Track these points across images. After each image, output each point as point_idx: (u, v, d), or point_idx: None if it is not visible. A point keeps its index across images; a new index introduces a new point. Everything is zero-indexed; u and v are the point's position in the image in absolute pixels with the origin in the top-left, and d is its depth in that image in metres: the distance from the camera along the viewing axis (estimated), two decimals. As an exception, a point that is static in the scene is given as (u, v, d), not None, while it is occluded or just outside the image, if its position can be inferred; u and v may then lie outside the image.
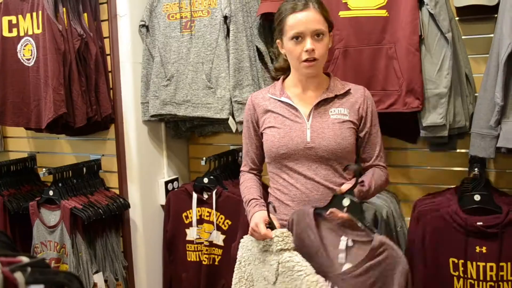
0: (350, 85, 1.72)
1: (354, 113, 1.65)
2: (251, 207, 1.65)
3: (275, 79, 1.81)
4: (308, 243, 1.53)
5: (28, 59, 2.39)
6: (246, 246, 1.64)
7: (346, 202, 1.49)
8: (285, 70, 1.76)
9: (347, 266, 1.47)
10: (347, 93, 1.68)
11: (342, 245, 1.49)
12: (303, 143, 1.61)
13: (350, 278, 1.44)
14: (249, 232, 1.60)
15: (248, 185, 1.75)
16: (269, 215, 1.56)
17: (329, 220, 1.54)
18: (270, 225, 1.55)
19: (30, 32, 2.38)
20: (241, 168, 1.85)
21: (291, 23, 1.58)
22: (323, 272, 1.47)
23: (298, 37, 1.57)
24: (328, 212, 1.53)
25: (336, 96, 1.66)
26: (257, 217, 1.58)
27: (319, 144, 1.60)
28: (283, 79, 1.75)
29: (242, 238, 1.69)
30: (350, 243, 1.49)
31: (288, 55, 1.65)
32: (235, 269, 1.68)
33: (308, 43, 1.56)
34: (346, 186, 1.52)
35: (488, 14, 2.01)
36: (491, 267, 1.82)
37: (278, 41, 1.69)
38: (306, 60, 1.58)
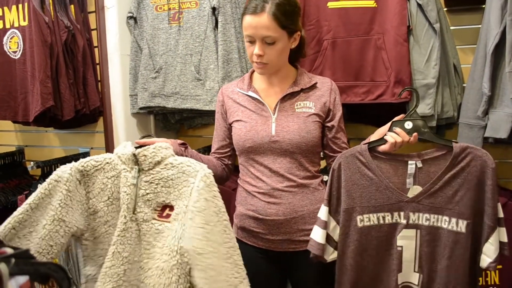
0: (317, 78, 1.73)
1: (320, 106, 1.66)
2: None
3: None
4: (365, 183, 1.51)
5: (15, 52, 2.37)
6: None
7: (408, 124, 1.49)
8: None
9: (417, 189, 1.48)
10: (313, 86, 1.69)
11: (411, 169, 1.48)
12: (268, 136, 1.62)
13: (428, 197, 1.46)
14: None
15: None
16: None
17: (386, 153, 1.51)
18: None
19: (16, 24, 2.35)
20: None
21: (245, 24, 1.57)
22: (392, 206, 1.48)
23: (250, 39, 1.58)
24: (394, 130, 1.51)
25: (302, 90, 1.67)
26: None
27: (283, 137, 1.61)
28: (251, 72, 1.76)
29: None
30: (420, 164, 1.48)
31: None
32: None
33: (256, 49, 1.57)
34: (401, 115, 1.55)
35: (476, 4, 2.02)
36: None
37: None
38: (256, 62, 1.60)
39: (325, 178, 2.05)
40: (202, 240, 1.35)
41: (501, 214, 1.43)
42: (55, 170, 2.39)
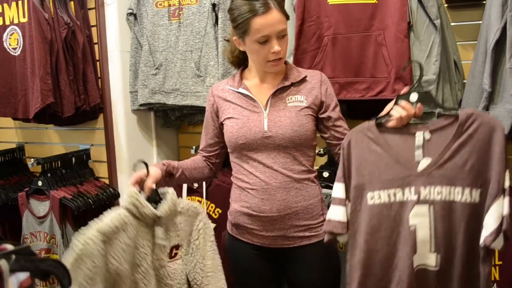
0: (307, 71, 1.73)
1: (312, 99, 1.66)
2: None
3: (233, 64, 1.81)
4: (374, 159, 1.48)
5: (14, 48, 2.37)
6: None
7: (414, 97, 1.47)
8: (241, 62, 1.77)
9: (426, 162, 1.44)
10: (303, 80, 1.69)
11: (419, 140, 1.44)
12: (261, 132, 1.62)
13: (438, 169, 1.42)
14: None
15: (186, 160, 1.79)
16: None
17: (393, 127, 1.48)
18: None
19: (16, 21, 2.35)
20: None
21: (257, 26, 1.55)
22: (402, 180, 1.45)
23: (264, 39, 1.57)
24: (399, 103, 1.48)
25: (292, 84, 1.67)
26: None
27: (276, 132, 1.61)
28: (242, 70, 1.76)
29: None
30: (428, 136, 1.45)
31: (252, 54, 1.65)
32: None
33: (276, 46, 1.57)
34: (406, 88, 1.53)
35: (476, 0, 2.02)
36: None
37: (235, 38, 1.66)
38: (273, 60, 1.60)
39: (325, 174, 2.06)
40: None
41: (507, 184, 1.37)
42: (55, 166, 2.43)
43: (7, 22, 2.37)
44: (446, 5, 2.03)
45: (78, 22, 2.41)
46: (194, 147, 2.42)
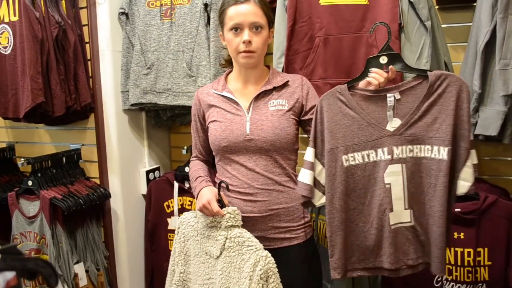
0: (289, 76, 1.77)
1: (293, 102, 1.70)
2: (197, 183, 1.72)
3: (225, 66, 1.88)
4: (347, 122, 1.52)
5: (5, 47, 2.35)
6: (188, 222, 1.73)
7: (383, 59, 1.52)
8: (231, 64, 1.81)
9: (397, 122, 1.49)
10: (285, 84, 1.72)
11: (391, 101, 1.49)
12: (243, 135, 1.65)
13: (409, 128, 1.48)
14: (198, 207, 1.65)
15: (195, 168, 1.82)
16: (219, 193, 1.63)
17: (365, 89, 1.53)
18: (220, 203, 1.62)
19: (6, 20, 2.33)
20: (191, 158, 1.91)
21: (231, 14, 1.63)
22: (375, 141, 1.50)
23: (236, 28, 1.63)
24: (371, 71, 1.52)
25: (274, 88, 1.71)
26: (208, 194, 1.63)
27: (258, 136, 1.64)
28: (227, 74, 1.80)
29: (183, 214, 1.78)
30: (398, 96, 1.50)
31: (228, 46, 1.70)
32: (175, 243, 1.78)
33: (246, 35, 1.61)
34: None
35: (467, 2, 2.03)
36: (469, 253, 1.86)
37: (220, 33, 1.74)
38: (243, 51, 1.63)
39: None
40: None
41: (472, 137, 1.46)
42: (45, 166, 2.42)
43: (-2, 21, 2.35)
44: (437, 6, 2.05)
45: (70, 21, 2.39)
46: (185, 147, 2.42)
